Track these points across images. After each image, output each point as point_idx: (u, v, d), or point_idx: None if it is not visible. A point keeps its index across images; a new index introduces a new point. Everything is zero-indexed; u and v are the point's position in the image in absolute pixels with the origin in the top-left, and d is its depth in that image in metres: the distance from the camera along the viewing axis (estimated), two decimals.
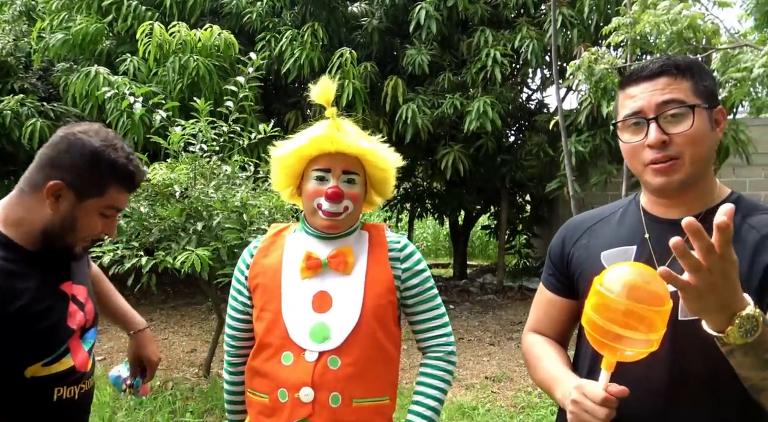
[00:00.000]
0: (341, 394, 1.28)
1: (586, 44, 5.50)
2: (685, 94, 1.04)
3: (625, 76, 1.13)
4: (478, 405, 3.95)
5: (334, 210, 1.34)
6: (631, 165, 1.11)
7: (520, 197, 9.67)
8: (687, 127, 1.03)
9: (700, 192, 1.09)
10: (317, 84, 1.40)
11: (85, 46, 6.27)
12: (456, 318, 6.86)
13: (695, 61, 1.10)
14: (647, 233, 1.12)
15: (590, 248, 1.18)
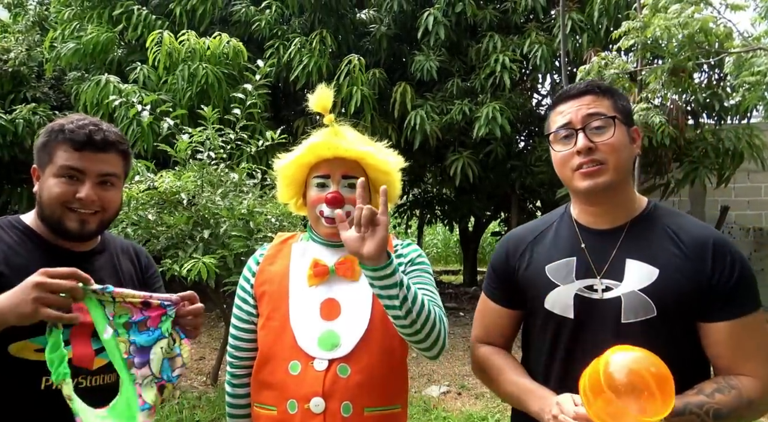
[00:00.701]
0: (352, 403, 1.25)
1: (595, 49, 5.46)
2: (606, 109, 1.19)
3: (555, 97, 1.28)
4: (487, 415, 3.89)
5: (335, 216, 1.30)
6: (562, 173, 1.23)
7: (531, 203, 9.60)
8: (609, 136, 1.16)
9: (622, 201, 1.21)
10: (314, 92, 1.39)
11: (96, 55, 6.33)
12: (466, 325, 6.79)
13: (613, 86, 1.28)
14: (583, 242, 1.23)
15: (534, 263, 1.28)
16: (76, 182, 1.21)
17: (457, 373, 4.95)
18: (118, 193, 1.29)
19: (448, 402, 4.22)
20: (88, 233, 1.25)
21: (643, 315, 1.14)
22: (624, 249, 1.18)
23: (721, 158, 5.93)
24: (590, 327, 1.18)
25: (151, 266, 1.45)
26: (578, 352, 1.19)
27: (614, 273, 1.17)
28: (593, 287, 1.19)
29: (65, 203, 1.20)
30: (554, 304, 1.22)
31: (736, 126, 6.17)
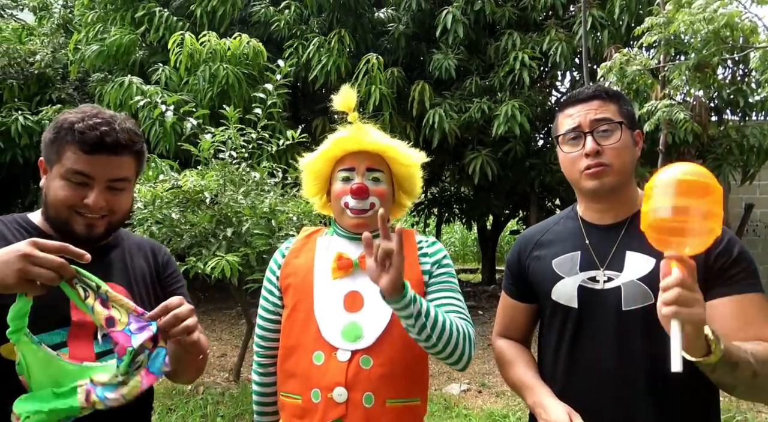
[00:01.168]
0: (374, 394, 1.27)
1: (617, 46, 5.40)
2: (613, 114, 1.27)
3: (563, 100, 1.36)
4: (509, 413, 3.88)
5: (360, 207, 1.34)
6: (569, 173, 1.31)
7: (550, 202, 9.53)
8: (616, 140, 1.25)
9: (625, 199, 1.29)
10: (339, 92, 1.43)
11: (119, 56, 6.44)
12: (485, 323, 6.77)
13: (619, 91, 1.35)
14: (587, 239, 1.32)
15: (543, 259, 1.37)
16: (84, 187, 1.13)
17: (477, 371, 4.95)
18: (128, 196, 1.22)
19: (469, 400, 4.22)
20: (96, 237, 1.18)
21: (642, 302, 1.21)
22: (624, 242, 1.26)
23: (746, 155, 5.82)
24: (593, 315, 1.26)
25: (170, 266, 1.37)
26: (583, 339, 1.28)
27: (615, 265, 1.25)
28: (596, 278, 1.27)
29: (72, 207, 1.14)
30: (560, 295, 1.31)
31: (761, 122, 6.05)
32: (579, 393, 1.26)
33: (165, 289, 1.33)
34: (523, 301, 1.45)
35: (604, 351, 1.24)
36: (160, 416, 3.71)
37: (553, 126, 1.38)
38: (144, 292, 1.27)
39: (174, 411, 3.80)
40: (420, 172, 1.47)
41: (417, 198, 1.56)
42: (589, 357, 1.27)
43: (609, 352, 1.23)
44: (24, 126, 6.35)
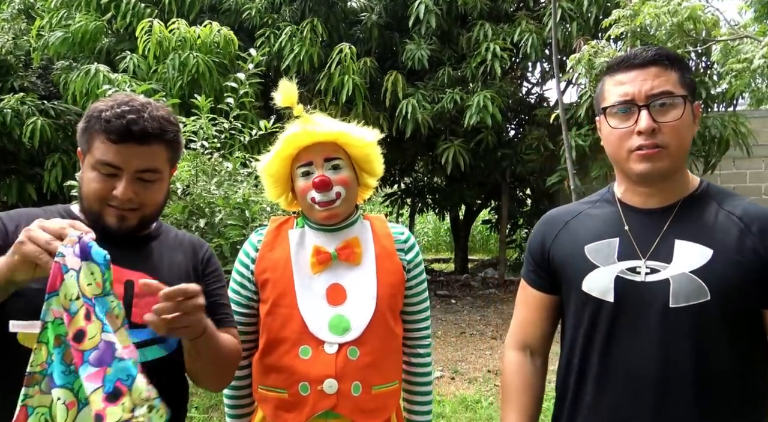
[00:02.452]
0: (362, 383, 1.31)
1: (585, 38, 5.50)
2: (673, 86, 1.07)
3: (613, 62, 1.14)
4: (481, 399, 3.97)
5: (326, 199, 1.34)
6: (614, 152, 1.12)
7: (521, 191, 9.69)
8: (676, 116, 1.06)
9: (676, 182, 1.12)
10: (278, 89, 1.41)
11: (85, 44, 6.27)
12: (458, 312, 6.88)
13: (681, 56, 1.16)
14: (626, 225, 1.14)
15: (573, 243, 1.19)
16: (113, 179, 1.10)
17: (450, 358, 5.03)
18: (160, 188, 1.16)
19: (443, 386, 4.30)
20: (128, 230, 1.13)
21: (695, 299, 1.03)
22: (673, 230, 1.09)
23: (708, 146, 6.02)
24: (633, 311, 1.08)
25: (210, 264, 1.29)
26: (620, 339, 1.10)
27: (661, 255, 1.08)
28: (636, 270, 1.09)
29: (103, 199, 1.10)
30: (593, 286, 1.12)
31: (723, 114, 6.25)
32: (614, 402, 1.10)
33: (205, 286, 1.23)
34: (545, 291, 1.26)
35: (645, 353, 1.06)
36: None
37: (596, 93, 1.18)
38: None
39: None
40: (378, 150, 1.44)
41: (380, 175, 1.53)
42: (626, 360, 1.09)
43: (651, 355, 1.06)
44: None
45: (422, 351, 1.49)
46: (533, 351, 1.30)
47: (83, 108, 5.94)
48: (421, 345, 1.49)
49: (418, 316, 1.47)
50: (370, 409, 1.32)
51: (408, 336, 1.48)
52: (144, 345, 1.10)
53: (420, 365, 1.49)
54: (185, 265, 1.23)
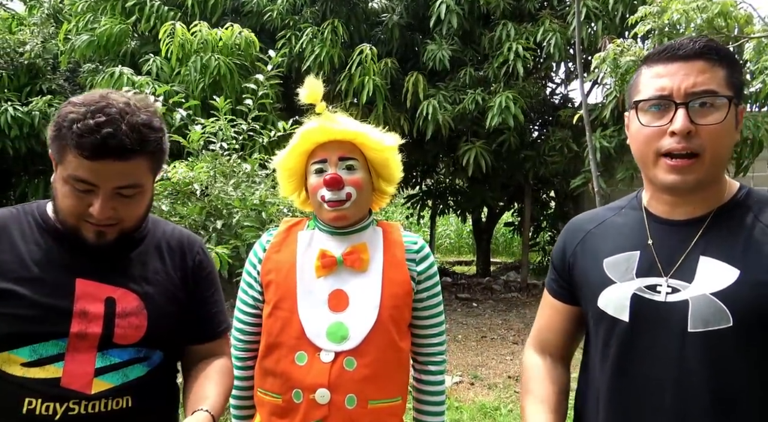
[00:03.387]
0: (357, 396, 1.25)
1: (611, 36, 5.36)
2: (718, 85, 0.95)
3: (655, 51, 1.01)
4: (500, 406, 3.89)
5: (336, 198, 1.30)
6: (641, 152, 1.00)
7: (545, 193, 9.54)
8: (718, 119, 0.94)
9: (711, 193, 1.00)
10: (304, 86, 1.39)
11: (110, 47, 6.37)
12: (479, 315, 6.78)
13: (732, 53, 1.02)
14: (650, 238, 1.03)
15: (592, 255, 1.10)
16: (89, 194, 1.00)
17: (469, 363, 4.95)
18: (141, 201, 1.07)
19: (461, 392, 4.23)
20: (106, 245, 1.05)
21: (714, 325, 0.93)
22: (700, 245, 0.98)
23: (740, 147, 5.82)
24: (648, 333, 1.00)
25: (203, 268, 1.21)
26: (632, 362, 1.02)
27: (684, 273, 0.98)
28: (656, 288, 0.99)
29: (79, 216, 1.02)
30: (608, 303, 1.05)
31: (756, 114, 6.05)
32: (623, 419, 1.03)
33: (195, 293, 1.18)
34: (564, 302, 1.19)
35: (660, 378, 0.98)
36: None
37: (629, 84, 1.07)
38: (164, 299, 1.12)
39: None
40: (397, 156, 1.40)
41: (398, 184, 1.48)
42: (638, 385, 1.01)
43: (664, 382, 0.97)
44: (14, 117, 6.28)
45: (433, 368, 1.41)
46: (552, 355, 1.24)
47: None
48: (433, 361, 1.41)
49: (429, 331, 1.41)
50: None
51: (418, 351, 1.42)
52: (127, 365, 1.06)
53: (430, 383, 1.41)
54: (172, 273, 1.16)
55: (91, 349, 1.02)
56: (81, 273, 1.05)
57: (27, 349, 0.98)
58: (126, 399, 1.04)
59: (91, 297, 1.03)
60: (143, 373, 1.08)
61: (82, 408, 1.00)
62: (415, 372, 1.44)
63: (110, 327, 1.04)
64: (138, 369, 1.07)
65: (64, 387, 0.99)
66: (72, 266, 1.05)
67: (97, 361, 1.02)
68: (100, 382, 1.02)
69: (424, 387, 1.42)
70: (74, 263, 1.05)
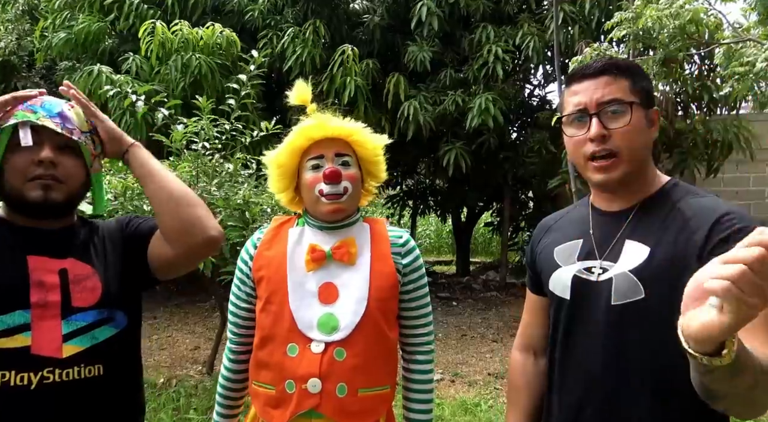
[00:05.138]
0: (347, 384, 1.30)
1: (587, 41, 5.49)
2: (623, 93, 1.11)
3: (569, 74, 1.20)
4: (480, 402, 3.96)
5: (335, 191, 1.34)
6: (574, 158, 1.17)
7: (523, 194, 9.66)
8: (625, 122, 1.09)
9: (639, 185, 1.15)
10: (293, 87, 1.46)
11: (88, 44, 6.30)
12: (459, 314, 6.86)
13: (634, 63, 1.19)
14: (591, 228, 1.20)
15: (547, 246, 1.27)
16: (35, 148, 1.09)
17: (450, 361, 5.02)
18: (80, 164, 1.16)
19: (442, 389, 4.29)
20: (53, 204, 1.11)
21: (631, 297, 1.08)
22: (627, 231, 1.13)
23: (710, 149, 6.00)
24: (584, 308, 1.15)
25: (132, 220, 1.29)
26: (575, 335, 1.17)
27: (613, 255, 1.13)
28: (591, 269, 1.15)
29: (25, 173, 1.09)
30: (555, 285, 1.21)
31: (725, 117, 6.23)
32: (573, 399, 1.16)
33: (130, 238, 1.25)
34: (538, 294, 1.33)
35: (592, 348, 1.12)
36: None
37: (558, 104, 1.28)
38: (111, 261, 1.20)
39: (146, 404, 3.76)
40: (383, 154, 1.47)
41: (382, 183, 1.56)
42: (579, 354, 1.16)
43: (598, 349, 1.11)
44: None
45: (421, 357, 1.46)
46: (536, 351, 1.36)
47: None
48: (421, 351, 1.46)
49: (416, 322, 1.46)
50: (355, 411, 1.31)
51: (406, 341, 1.47)
52: (93, 327, 1.10)
53: (419, 371, 1.46)
54: (114, 246, 1.23)
55: (55, 317, 1.06)
56: (30, 251, 1.10)
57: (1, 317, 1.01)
58: (98, 367, 1.09)
59: (44, 270, 1.09)
60: (111, 334, 1.13)
61: (56, 375, 1.03)
62: (403, 362, 1.49)
63: (67, 293, 1.09)
64: (106, 330, 1.12)
65: (34, 354, 1.02)
66: (21, 245, 1.10)
67: (63, 327, 1.06)
68: (70, 346, 1.06)
69: (412, 376, 1.47)
70: (22, 243, 1.10)
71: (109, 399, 1.12)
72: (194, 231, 1.16)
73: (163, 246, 1.19)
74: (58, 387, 1.03)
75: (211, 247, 1.21)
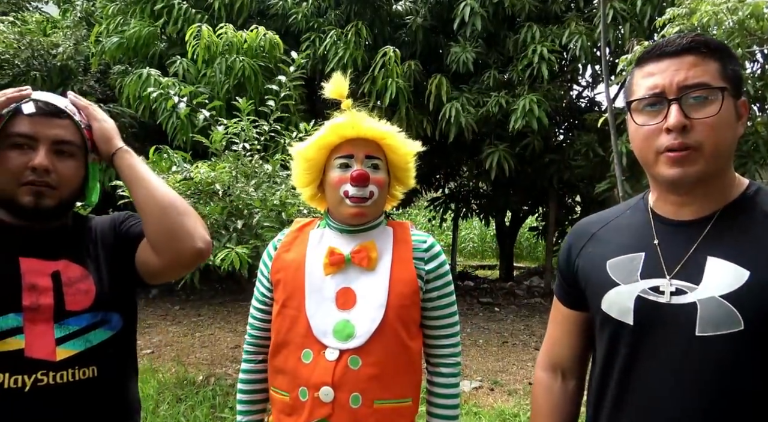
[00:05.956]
0: (362, 395, 1.25)
1: (638, 39, 5.26)
2: (711, 77, 0.93)
3: (644, 51, 1.01)
4: (519, 413, 3.83)
5: (360, 195, 1.30)
6: (642, 153, 0.99)
7: (570, 198, 9.39)
8: (713, 112, 0.91)
9: (716, 189, 0.97)
10: (330, 82, 1.41)
11: (139, 48, 6.50)
12: (501, 320, 6.71)
13: (725, 44, 0.99)
14: (656, 238, 1.01)
15: (596, 257, 1.08)
16: (29, 151, 1.07)
17: (490, 369, 4.90)
18: (73, 166, 1.13)
19: (480, 398, 4.18)
20: (45, 210, 1.09)
21: (725, 328, 0.90)
22: (707, 245, 0.95)
23: None
24: (654, 336, 0.96)
25: (127, 219, 1.26)
26: (639, 367, 0.98)
27: (690, 274, 0.95)
28: (659, 289, 0.97)
29: (18, 176, 1.07)
30: (611, 306, 1.02)
31: None
32: None
33: (121, 239, 1.22)
34: (573, 308, 1.17)
35: (665, 385, 0.94)
36: (170, 405, 3.75)
37: (625, 87, 1.05)
38: (104, 263, 1.18)
39: (183, 401, 3.83)
40: (414, 161, 1.42)
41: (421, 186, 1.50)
42: (644, 391, 0.97)
43: (671, 388, 0.94)
44: None
45: (445, 369, 1.39)
46: (564, 372, 1.22)
47: (136, 111, 6.16)
48: (445, 363, 1.39)
49: (440, 331, 1.39)
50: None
51: (430, 352, 1.41)
52: (88, 330, 1.09)
53: (442, 385, 1.39)
54: (106, 246, 1.21)
55: (47, 320, 1.05)
56: (22, 253, 1.08)
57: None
58: (92, 369, 1.08)
59: (36, 272, 1.07)
60: (107, 337, 1.11)
61: (50, 378, 1.03)
62: (428, 374, 1.42)
63: (60, 297, 1.07)
64: (100, 333, 1.10)
65: (28, 357, 1.01)
66: (12, 247, 1.08)
67: (56, 331, 1.05)
68: (64, 350, 1.05)
69: (435, 390, 1.40)
70: (14, 244, 1.09)
71: (102, 400, 1.11)
72: (180, 241, 1.12)
73: (150, 254, 1.16)
74: (52, 389, 1.03)
75: (198, 259, 1.15)
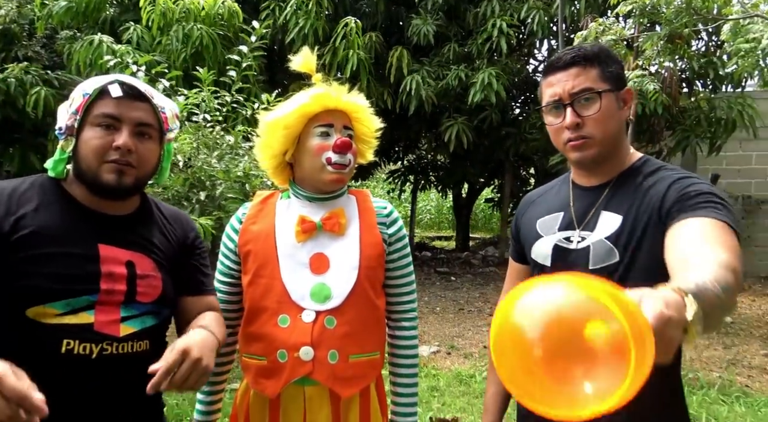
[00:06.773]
0: (338, 351, 1.33)
1: (593, 15, 5.42)
2: (593, 82, 1.20)
3: (545, 67, 1.30)
4: (475, 374, 4.04)
5: (342, 161, 1.36)
6: (555, 143, 1.29)
7: (524, 171, 9.65)
8: (596, 109, 1.19)
9: (611, 163, 1.27)
10: (297, 54, 1.46)
11: (89, 14, 6.22)
12: (457, 289, 6.94)
13: (602, 48, 1.26)
14: (572, 201, 1.31)
15: (531, 218, 1.38)
16: (113, 131, 1.17)
17: (447, 334, 5.10)
18: (152, 148, 1.23)
19: (438, 361, 4.37)
20: (125, 188, 1.19)
21: (608, 261, 1.18)
22: (603, 203, 1.25)
23: (714, 127, 5.97)
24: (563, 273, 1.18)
25: (198, 245, 1.37)
26: None
27: (590, 225, 1.25)
28: (570, 239, 1.26)
29: (103, 154, 1.16)
30: (537, 254, 1.31)
31: (730, 95, 6.18)
32: None
33: (191, 262, 1.34)
34: (519, 262, 1.44)
35: None
36: None
37: (538, 94, 1.35)
38: (170, 264, 1.28)
39: None
40: (376, 137, 1.51)
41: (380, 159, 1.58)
42: None
43: None
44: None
45: (407, 323, 1.50)
46: None
47: (87, 79, 5.93)
48: (406, 318, 1.51)
49: (401, 289, 1.50)
50: (347, 377, 1.35)
51: (391, 308, 1.51)
52: (143, 315, 1.22)
53: (404, 337, 1.50)
54: (173, 243, 1.32)
55: (117, 303, 1.17)
56: (101, 239, 1.19)
57: (61, 303, 1.11)
58: (146, 343, 1.21)
59: (114, 260, 1.18)
60: (155, 323, 1.25)
61: (114, 348, 1.16)
62: (389, 329, 1.52)
63: (133, 286, 1.19)
64: (150, 319, 1.24)
65: (97, 330, 1.14)
66: (93, 233, 1.19)
67: (122, 312, 1.18)
68: (126, 327, 1.18)
69: (399, 342, 1.51)
70: (94, 230, 1.19)
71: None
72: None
73: (179, 318, 1.31)
74: (115, 358, 1.16)
75: None
